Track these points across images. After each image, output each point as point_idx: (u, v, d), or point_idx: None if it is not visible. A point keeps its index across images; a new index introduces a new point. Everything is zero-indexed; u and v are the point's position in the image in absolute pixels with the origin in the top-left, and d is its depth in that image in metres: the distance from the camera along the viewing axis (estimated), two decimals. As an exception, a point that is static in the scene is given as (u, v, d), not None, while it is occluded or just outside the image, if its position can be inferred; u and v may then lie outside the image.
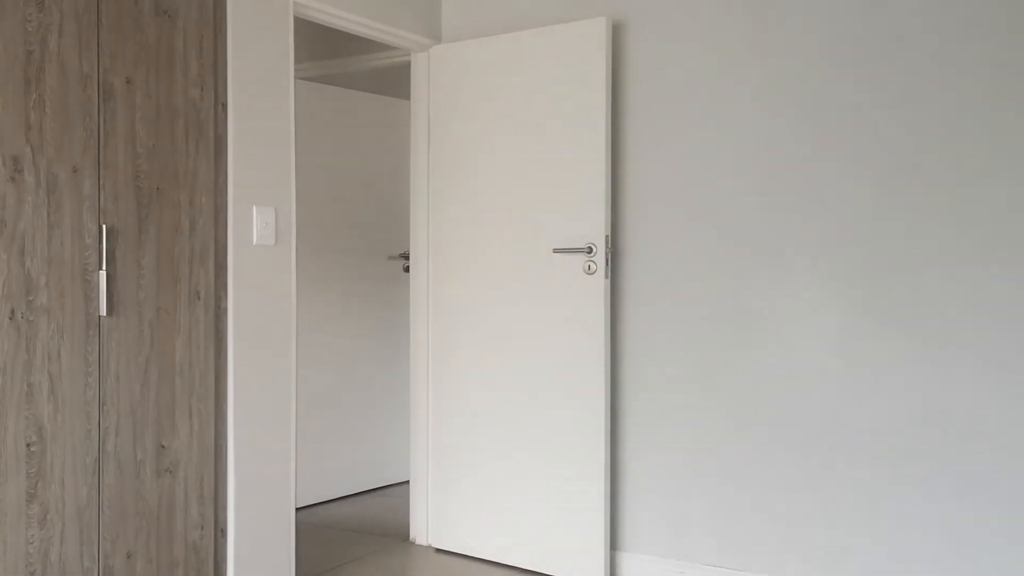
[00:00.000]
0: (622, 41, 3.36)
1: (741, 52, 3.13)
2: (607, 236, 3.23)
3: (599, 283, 3.23)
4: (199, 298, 2.75)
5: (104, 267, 2.47)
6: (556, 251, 3.29)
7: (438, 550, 3.69)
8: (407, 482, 4.78)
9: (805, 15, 3.01)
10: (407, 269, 4.83)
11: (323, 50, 4.42)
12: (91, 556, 2.45)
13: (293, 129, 3.06)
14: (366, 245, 4.63)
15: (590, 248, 3.24)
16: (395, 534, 3.91)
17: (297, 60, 4.45)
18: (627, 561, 3.33)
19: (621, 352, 3.35)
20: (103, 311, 2.47)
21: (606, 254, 3.22)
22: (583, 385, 3.27)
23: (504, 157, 3.47)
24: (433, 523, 3.69)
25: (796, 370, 3.03)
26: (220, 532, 2.83)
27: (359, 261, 4.59)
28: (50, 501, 2.35)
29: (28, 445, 2.30)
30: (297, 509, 4.29)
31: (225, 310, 2.83)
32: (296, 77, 4.41)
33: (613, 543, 3.37)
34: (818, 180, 3.00)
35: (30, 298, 2.30)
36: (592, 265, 3.24)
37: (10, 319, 2.26)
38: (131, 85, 2.54)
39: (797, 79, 3.03)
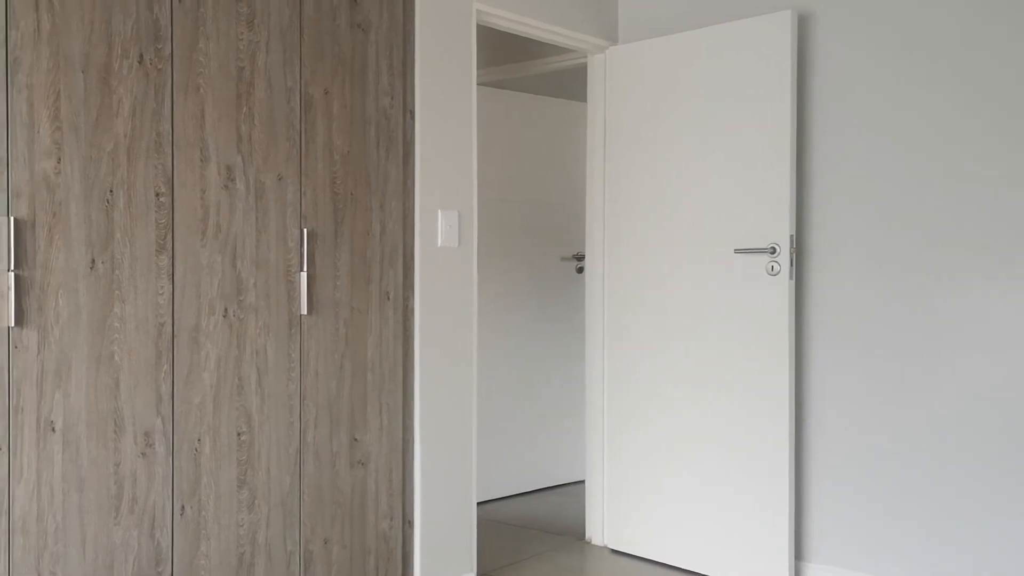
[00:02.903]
0: (808, 34, 3.24)
1: (940, 45, 2.96)
2: (792, 236, 3.13)
3: (783, 284, 3.14)
4: (389, 298, 2.87)
5: (305, 269, 2.62)
6: (738, 251, 3.22)
7: (614, 551, 3.69)
8: (582, 481, 4.81)
9: (1016, 9, 2.82)
10: (580, 270, 4.85)
11: (499, 55, 4.52)
12: (293, 541, 2.61)
13: (475, 134, 3.14)
14: (540, 246, 4.69)
15: (773, 248, 3.15)
16: (570, 533, 3.93)
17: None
18: (811, 572, 3.22)
19: (806, 356, 3.24)
20: (304, 310, 2.62)
21: (791, 254, 3.13)
22: (766, 388, 3.18)
23: (683, 156, 3.43)
24: (609, 524, 3.69)
25: (999, 382, 2.83)
26: (407, 523, 2.94)
27: (533, 262, 4.66)
28: (258, 487, 2.52)
29: (239, 434, 2.48)
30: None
31: (412, 310, 2.94)
32: (473, 83, 4.52)
33: (797, 552, 3.26)
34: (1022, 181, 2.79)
35: (240, 298, 2.47)
36: (776, 266, 3.15)
37: (224, 317, 2.43)
38: (328, 96, 2.69)
39: (1004, 77, 2.83)
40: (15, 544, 2.07)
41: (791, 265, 3.13)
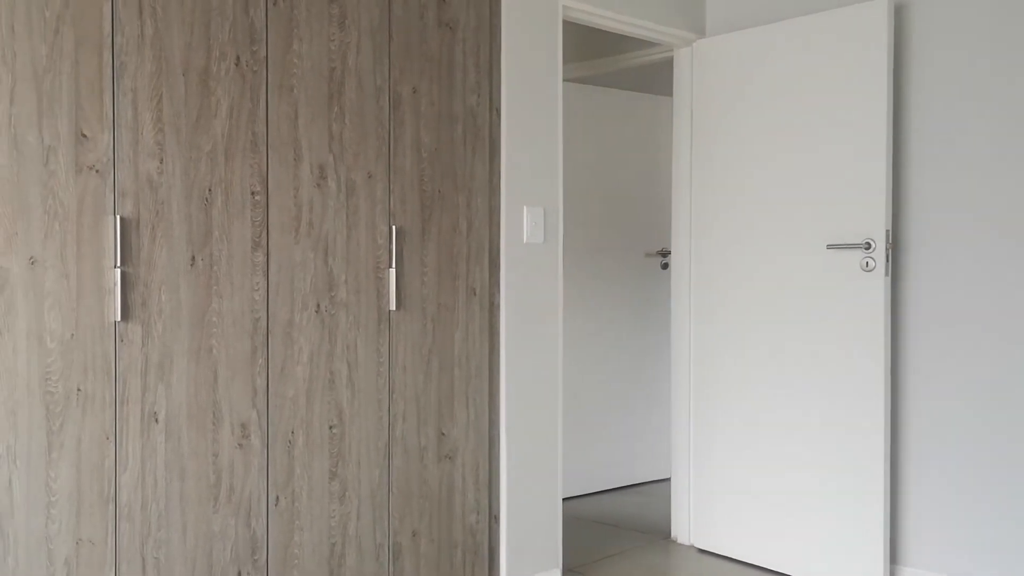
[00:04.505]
0: (905, 23, 3.14)
1: (1047, 25, 2.83)
2: (887, 231, 3.03)
3: (878, 281, 3.05)
4: (475, 294, 2.89)
5: (393, 265, 2.66)
6: (830, 247, 3.14)
7: (700, 550, 3.65)
8: (666, 479, 4.76)
9: None
10: (664, 266, 4.81)
11: (583, 51, 4.50)
12: (382, 532, 2.66)
13: (561, 131, 3.14)
14: (623, 242, 4.66)
15: (868, 244, 3.06)
16: (656, 531, 3.90)
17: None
18: (907, 577, 3.13)
19: (902, 356, 3.14)
20: (392, 306, 2.66)
21: (886, 250, 3.03)
22: (860, 387, 3.10)
23: (772, 150, 3.36)
24: (695, 523, 3.65)
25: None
26: (493, 518, 2.96)
27: (616, 258, 4.63)
28: (348, 480, 2.57)
29: (330, 428, 2.53)
30: (558, 500, 4.40)
31: (498, 306, 2.96)
32: (558, 79, 4.51)
33: (892, 556, 3.17)
34: None
35: (332, 293, 2.53)
36: (870, 262, 3.06)
37: (316, 312, 2.49)
38: (416, 94, 2.72)
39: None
40: (121, 530, 2.15)
41: (887, 261, 3.04)
